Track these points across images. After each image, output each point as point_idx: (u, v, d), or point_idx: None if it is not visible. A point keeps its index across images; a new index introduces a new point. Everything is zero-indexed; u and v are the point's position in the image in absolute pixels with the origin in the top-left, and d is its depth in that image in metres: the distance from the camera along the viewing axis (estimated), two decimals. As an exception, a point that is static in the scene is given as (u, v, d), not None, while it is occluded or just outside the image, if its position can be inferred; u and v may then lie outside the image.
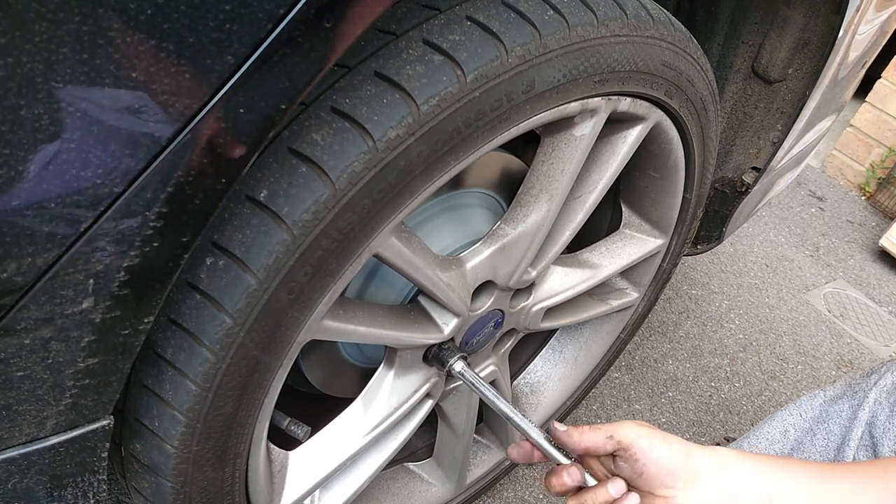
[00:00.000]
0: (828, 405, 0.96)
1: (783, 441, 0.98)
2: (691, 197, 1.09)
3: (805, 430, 0.96)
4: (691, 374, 1.86)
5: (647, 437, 0.70)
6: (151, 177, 0.44)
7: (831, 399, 0.96)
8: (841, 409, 0.93)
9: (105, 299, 0.48)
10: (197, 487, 0.68)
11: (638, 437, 0.70)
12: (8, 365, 0.47)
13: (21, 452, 0.53)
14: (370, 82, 0.57)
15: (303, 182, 0.56)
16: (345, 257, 0.62)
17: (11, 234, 0.42)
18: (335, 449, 0.88)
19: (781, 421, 1.00)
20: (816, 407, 0.97)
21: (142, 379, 0.61)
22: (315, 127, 0.56)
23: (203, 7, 0.41)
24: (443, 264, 0.81)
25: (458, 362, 0.90)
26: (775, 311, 2.18)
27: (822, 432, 0.94)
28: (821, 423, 0.94)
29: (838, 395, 0.95)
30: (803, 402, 1.00)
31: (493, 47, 0.61)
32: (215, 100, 0.44)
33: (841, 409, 0.93)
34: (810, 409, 0.98)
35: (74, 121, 0.40)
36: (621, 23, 0.72)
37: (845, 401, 0.93)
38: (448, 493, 1.23)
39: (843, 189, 3.07)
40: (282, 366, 0.67)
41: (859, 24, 1.02)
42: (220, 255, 0.56)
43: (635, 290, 1.26)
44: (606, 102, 0.78)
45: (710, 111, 0.97)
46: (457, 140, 0.63)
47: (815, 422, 0.96)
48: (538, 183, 0.83)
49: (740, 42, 1.12)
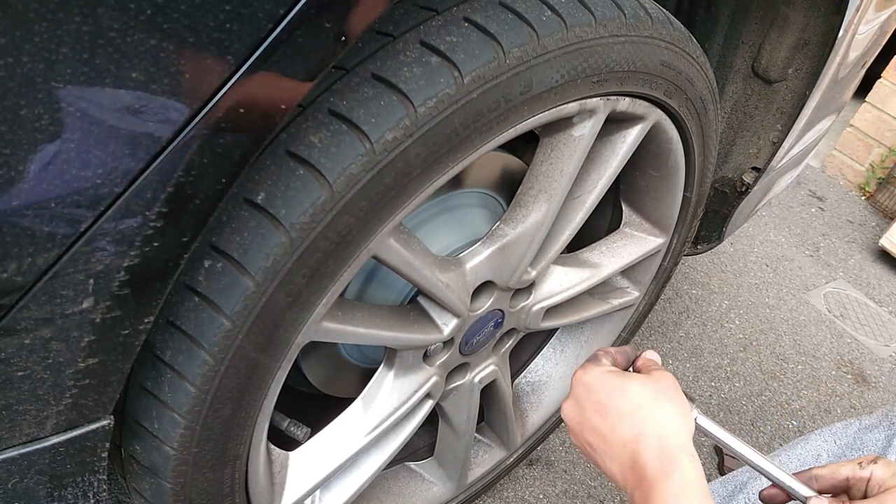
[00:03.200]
0: (863, 433, 0.95)
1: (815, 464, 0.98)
2: (692, 196, 1.10)
3: (838, 456, 0.96)
4: (691, 374, 1.86)
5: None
6: (151, 177, 0.45)
7: (866, 427, 0.96)
8: (876, 438, 0.93)
9: (105, 299, 0.48)
10: (197, 489, 0.69)
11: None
12: (8, 365, 0.47)
13: (21, 452, 0.53)
14: (367, 84, 0.57)
15: (300, 185, 0.56)
16: (343, 259, 0.62)
17: (11, 234, 0.42)
18: (335, 449, 0.88)
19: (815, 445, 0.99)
20: (851, 434, 0.97)
21: (141, 381, 0.61)
22: (312, 129, 0.56)
23: (203, 7, 0.41)
24: (442, 265, 0.81)
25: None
26: (775, 311, 2.18)
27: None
28: (855, 451, 0.94)
29: (874, 425, 0.95)
30: (838, 429, 0.99)
31: (491, 49, 0.61)
32: (215, 100, 0.44)
33: (876, 437, 0.93)
34: (845, 435, 0.97)
35: (74, 121, 0.40)
36: (620, 23, 0.72)
37: (881, 430, 0.93)
38: (449, 493, 1.23)
39: (843, 189, 3.06)
40: (280, 367, 0.67)
41: (859, 24, 1.02)
42: (218, 258, 0.56)
43: (636, 288, 1.26)
44: (605, 102, 0.78)
45: (710, 110, 0.97)
46: (455, 142, 0.63)
47: (848, 448, 0.95)
48: (537, 183, 0.83)
49: (740, 42, 1.12)
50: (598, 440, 0.73)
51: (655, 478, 0.65)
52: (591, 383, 0.74)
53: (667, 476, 0.65)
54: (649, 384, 0.73)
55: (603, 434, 0.72)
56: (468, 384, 1.05)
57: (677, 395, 0.74)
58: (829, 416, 1.86)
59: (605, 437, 0.72)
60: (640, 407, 0.70)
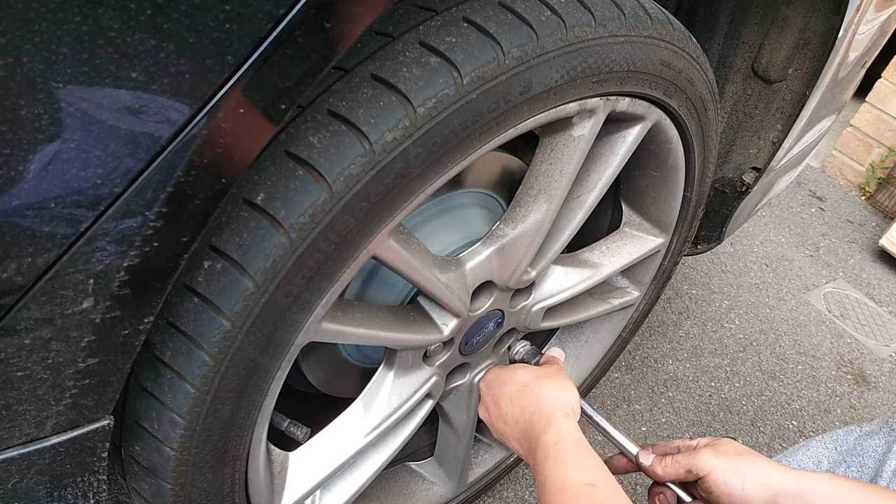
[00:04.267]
0: (863, 439, 0.96)
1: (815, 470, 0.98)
2: (692, 196, 1.10)
3: (838, 462, 0.97)
4: (691, 374, 1.86)
5: (722, 470, 0.76)
6: (151, 177, 0.45)
7: (867, 434, 0.97)
8: (876, 444, 0.93)
9: (105, 299, 0.48)
10: (197, 489, 0.69)
11: (713, 470, 0.76)
12: (8, 365, 0.47)
13: (21, 452, 0.53)
14: (367, 85, 0.57)
15: (300, 185, 0.56)
16: (342, 260, 0.62)
17: (11, 234, 0.42)
18: (335, 449, 0.88)
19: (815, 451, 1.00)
20: (851, 441, 0.97)
21: (141, 382, 0.61)
22: (312, 130, 0.56)
23: (203, 7, 0.41)
24: (442, 265, 0.81)
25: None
26: (775, 311, 2.18)
27: (857, 465, 0.94)
28: (855, 457, 0.95)
29: (874, 431, 0.96)
30: (839, 435, 1.00)
31: (490, 49, 0.61)
32: (215, 100, 0.44)
33: (876, 444, 0.94)
34: (845, 442, 0.98)
35: (74, 121, 0.40)
36: (619, 23, 0.72)
37: (881, 437, 0.94)
38: (449, 492, 1.23)
39: (843, 189, 3.06)
40: (280, 368, 0.67)
41: (859, 24, 1.02)
42: (218, 259, 0.56)
43: (636, 288, 1.26)
44: (605, 102, 0.78)
45: (710, 110, 0.97)
46: (454, 142, 0.63)
47: (848, 454, 0.96)
48: (537, 183, 0.83)
49: (740, 42, 1.12)
50: (501, 424, 0.86)
51: (538, 433, 0.78)
52: (488, 380, 0.90)
53: (545, 430, 0.77)
54: (532, 370, 0.87)
55: (503, 418, 0.85)
56: (468, 384, 1.05)
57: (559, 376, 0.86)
58: (828, 416, 1.86)
59: (505, 419, 0.85)
60: (525, 386, 0.84)
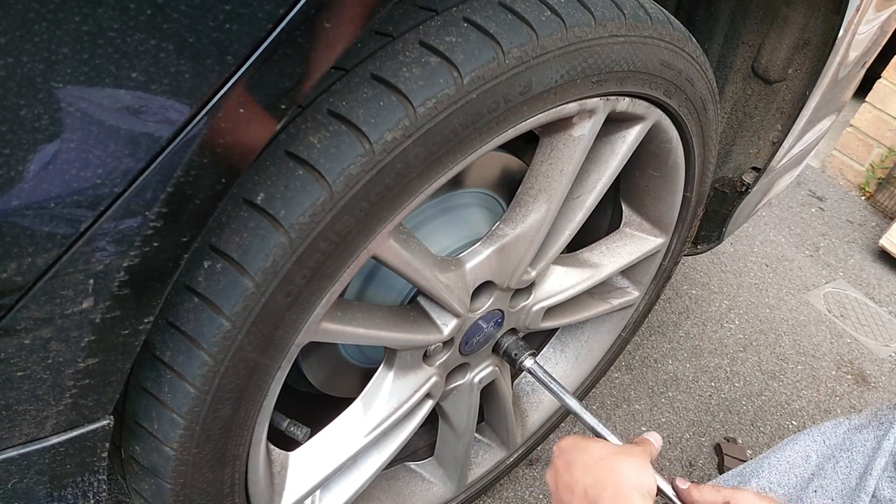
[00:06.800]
0: (852, 433, 0.95)
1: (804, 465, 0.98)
2: (692, 196, 1.10)
3: (827, 457, 0.96)
4: (691, 374, 1.86)
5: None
6: (151, 177, 0.45)
7: (856, 427, 0.96)
8: (865, 439, 0.93)
9: (105, 299, 0.48)
10: (197, 489, 0.69)
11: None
12: (8, 365, 0.47)
13: (21, 452, 0.53)
14: (367, 85, 0.57)
15: (300, 185, 0.56)
16: (342, 260, 0.62)
17: (11, 234, 0.42)
18: (335, 449, 0.88)
19: (804, 445, 1.00)
20: (840, 434, 0.97)
21: (141, 382, 0.61)
22: (312, 130, 0.56)
23: (203, 7, 0.41)
24: (442, 265, 0.81)
25: (528, 359, 1.01)
26: (775, 311, 2.18)
27: (845, 460, 0.93)
28: (844, 451, 0.94)
29: (863, 425, 0.95)
30: (827, 428, 0.99)
31: (490, 49, 0.61)
32: (215, 100, 0.44)
33: (865, 438, 0.93)
34: (834, 436, 0.97)
35: (74, 121, 0.40)
36: (619, 23, 0.72)
37: (870, 430, 0.93)
38: (449, 493, 1.23)
39: (843, 189, 3.06)
40: (280, 368, 0.67)
41: (859, 24, 1.02)
42: (218, 259, 0.56)
43: (636, 288, 1.26)
44: (605, 102, 0.78)
45: (710, 110, 0.97)
46: (454, 142, 0.63)
47: (837, 449, 0.95)
48: (537, 183, 0.84)
49: (740, 42, 1.12)
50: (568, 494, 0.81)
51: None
52: (564, 446, 0.85)
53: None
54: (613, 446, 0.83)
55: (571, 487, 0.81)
56: (468, 384, 1.06)
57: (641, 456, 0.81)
58: (828, 416, 1.86)
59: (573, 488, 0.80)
60: (601, 459, 0.80)
